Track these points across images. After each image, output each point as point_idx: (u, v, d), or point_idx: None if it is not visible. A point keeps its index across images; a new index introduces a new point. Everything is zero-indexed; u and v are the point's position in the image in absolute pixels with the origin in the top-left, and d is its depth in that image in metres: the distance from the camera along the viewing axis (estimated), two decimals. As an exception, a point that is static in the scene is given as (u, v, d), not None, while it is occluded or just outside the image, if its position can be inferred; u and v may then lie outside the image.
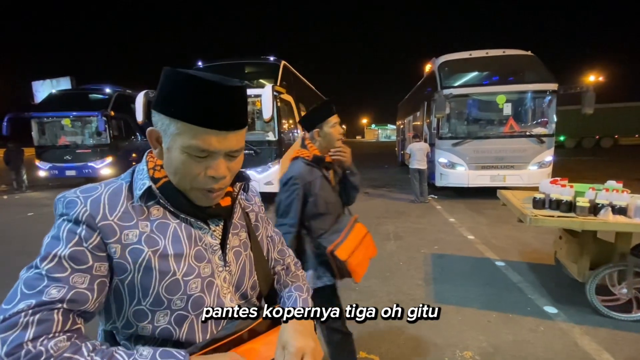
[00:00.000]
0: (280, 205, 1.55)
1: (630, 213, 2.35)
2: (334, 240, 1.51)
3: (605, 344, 2.23)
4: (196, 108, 0.57)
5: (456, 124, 7.10)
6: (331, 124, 1.59)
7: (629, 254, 2.53)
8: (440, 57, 7.67)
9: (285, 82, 7.54)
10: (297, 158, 1.60)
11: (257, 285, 0.77)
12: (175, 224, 0.64)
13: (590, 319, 2.52)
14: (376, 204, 7.00)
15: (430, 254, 4.00)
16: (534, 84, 6.61)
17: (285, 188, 1.54)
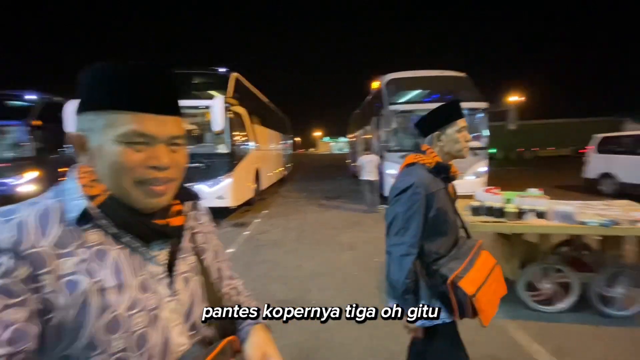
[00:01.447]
0: (396, 219, 1.27)
1: (549, 216, 2.70)
2: (455, 268, 1.21)
3: (535, 335, 2.49)
4: (125, 92, 0.54)
5: (402, 138, 7.57)
6: (458, 127, 1.36)
7: (550, 253, 2.89)
8: (386, 75, 8.19)
9: (237, 94, 7.41)
10: (414, 164, 1.35)
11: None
12: (116, 250, 0.57)
13: (523, 313, 2.80)
14: (331, 215, 7.11)
15: (383, 263, 4.13)
16: (469, 102, 7.34)
17: (403, 198, 1.27)
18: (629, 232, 2.56)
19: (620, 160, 8.12)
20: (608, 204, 3.30)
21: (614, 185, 8.29)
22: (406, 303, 1.24)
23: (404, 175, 1.34)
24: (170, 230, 0.63)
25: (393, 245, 1.28)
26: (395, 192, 1.32)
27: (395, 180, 1.39)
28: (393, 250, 1.27)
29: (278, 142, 13.23)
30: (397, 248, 1.26)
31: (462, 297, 1.17)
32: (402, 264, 1.24)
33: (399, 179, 1.36)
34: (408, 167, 1.37)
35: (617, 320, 2.66)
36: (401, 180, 1.33)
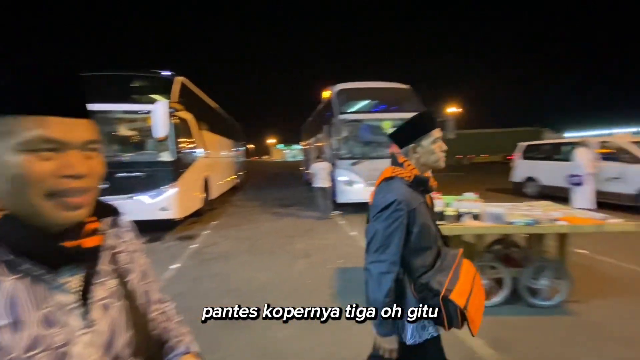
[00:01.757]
0: (376, 236, 1.26)
1: (483, 218, 2.94)
2: (443, 281, 1.21)
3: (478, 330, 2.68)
4: (26, 93, 0.47)
5: (353, 146, 7.80)
6: (433, 138, 1.34)
7: (485, 252, 3.14)
8: (337, 85, 8.41)
9: (183, 98, 7.04)
10: (393, 178, 1.32)
11: (133, 342, 0.62)
12: (12, 281, 0.48)
13: (463, 309, 3.00)
14: (285, 223, 7.02)
15: (336, 269, 4.17)
16: (411, 112, 7.83)
17: (385, 214, 1.25)
18: (548, 229, 2.88)
19: (541, 166, 9.23)
20: (531, 205, 3.70)
21: (536, 188, 9.38)
22: (384, 321, 1.24)
23: (384, 191, 1.31)
24: (82, 252, 0.54)
25: (372, 263, 1.26)
26: (376, 209, 1.29)
27: (375, 195, 1.36)
28: (372, 267, 1.25)
29: (229, 149, 12.80)
30: (376, 265, 1.24)
31: (452, 309, 1.18)
32: (382, 282, 1.22)
33: (379, 194, 1.34)
34: (387, 181, 1.34)
35: (545, 310, 2.96)
36: (382, 197, 1.29)
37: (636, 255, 4.26)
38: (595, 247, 4.57)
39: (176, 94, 6.62)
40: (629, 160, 7.03)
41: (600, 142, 7.81)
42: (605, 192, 7.30)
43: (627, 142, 7.28)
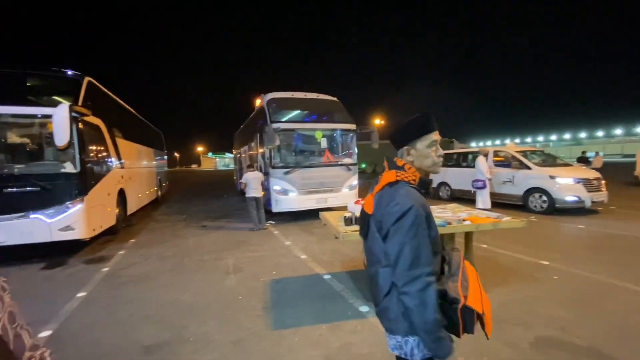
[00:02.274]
0: (404, 250, 1.10)
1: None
2: (456, 287, 1.14)
3: (399, 326, 2.87)
4: None
5: (286, 155, 7.82)
6: (429, 141, 1.26)
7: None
8: (268, 94, 8.38)
9: (91, 102, 6.21)
10: (398, 182, 1.20)
11: None
12: None
13: (390, 308, 3.20)
14: (215, 237, 6.64)
15: (270, 281, 4.08)
16: (341, 123, 8.21)
17: (407, 223, 1.11)
18: (457, 229, 3.27)
19: (451, 172, 10.48)
20: (443, 207, 4.17)
21: (448, 192, 10.61)
22: (442, 341, 1.09)
23: (392, 198, 1.17)
24: None
25: (408, 284, 1.09)
26: (391, 218, 1.14)
27: (381, 203, 1.21)
28: (410, 289, 1.09)
29: (150, 158, 11.68)
30: (413, 285, 1.09)
31: (470, 316, 1.13)
32: (426, 300, 1.08)
33: (387, 201, 1.18)
34: (391, 186, 1.22)
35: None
36: (395, 204, 1.14)
37: (524, 247, 5.10)
38: (493, 241, 5.34)
39: (83, 96, 5.81)
40: (517, 167, 8.43)
41: (494, 151, 9.21)
42: (499, 193, 8.62)
43: (515, 151, 8.73)
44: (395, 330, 1.19)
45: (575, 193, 7.40)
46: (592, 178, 7.64)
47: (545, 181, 7.71)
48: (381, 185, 1.26)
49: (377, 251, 1.23)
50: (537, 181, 7.88)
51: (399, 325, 1.17)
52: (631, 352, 2.40)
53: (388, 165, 1.32)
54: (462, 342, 1.41)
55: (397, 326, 1.17)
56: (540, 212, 7.76)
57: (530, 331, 2.72)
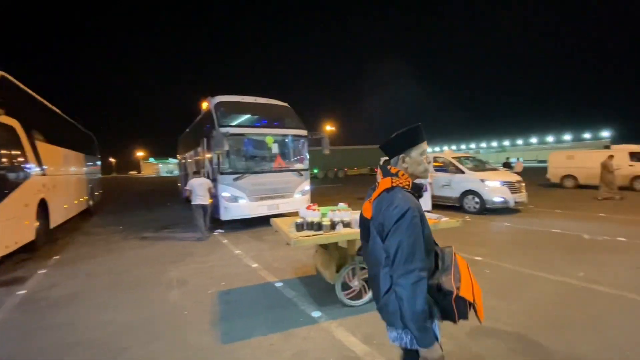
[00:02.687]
0: (401, 247, 1.22)
1: (353, 225, 3.29)
2: (449, 280, 1.29)
3: (351, 329, 2.92)
4: None
5: (235, 160, 7.58)
6: (422, 150, 1.42)
7: (356, 255, 3.51)
8: (216, 97, 8.07)
9: (5, 99, 5.42)
10: (394, 188, 1.34)
11: None
12: None
13: (342, 311, 3.24)
14: (158, 249, 6.15)
15: (218, 292, 3.89)
16: (292, 129, 8.22)
17: (404, 224, 1.23)
18: (401, 230, 3.45)
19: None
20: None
21: (394, 195, 11.19)
22: (427, 331, 1.22)
23: (390, 202, 1.30)
24: None
25: (402, 276, 1.22)
26: (393, 220, 1.26)
27: (379, 207, 1.33)
28: (403, 281, 1.22)
29: (79, 164, 10.49)
30: (407, 277, 1.21)
31: (463, 305, 1.28)
32: (417, 292, 1.20)
33: (386, 206, 1.30)
34: (389, 192, 1.34)
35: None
36: (394, 208, 1.27)
37: (461, 244, 5.56)
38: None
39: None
40: (454, 171, 9.21)
41: (434, 157, 9.97)
42: (439, 196, 9.34)
43: (452, 157, 9.54)
44: (395, 322, 1.30)
45: (501, 194, 8.32)
46: (514, 181, 8.65)
47: (477, 184, 8.55)
48: (379, 191, 1.38)
49: (378, 253, 1.34)
50: (470, 184, 8.70)
51: (398, 318, 1.27)
52: (552, 335, 2.74)
53: (382, 173, 1.44)
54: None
55: (397, 319, 1.28)
56: (474, 212, 8.57)
57: (465, 323, 2.96)
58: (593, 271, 4.13)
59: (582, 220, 7.40)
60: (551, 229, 6.63)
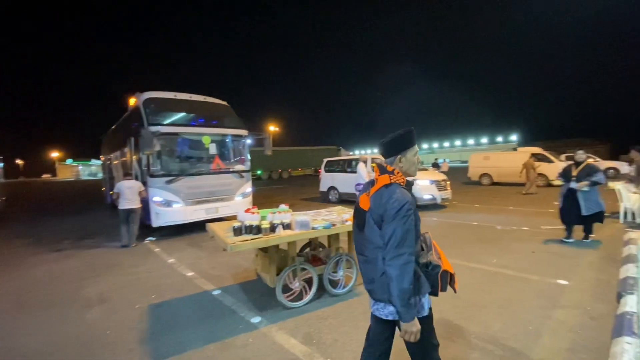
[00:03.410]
0: (395, 234, 1.45)
1: (293, 226, 3.29)
2: (434, 257, 1.61)
3: (292, 331, 2.91)
4: None
5: (168, 162, 7.03)
6: (415, 151, 1.65)
7: (296, 256, 3.51)
8: (144, 93, 7.41)
9: None
10: (392, 184, 1.56)
11: None
12: None
13: (282, 314, 3.22)
14: (76, 263, 5.41)
15: (148, 306, 3.57)
16: (232, 129, 7.91)
17: (400, 215, 1.46)
18: (341, 229, 3.54)
19: (338, 177, 11.41)
20: (330, 210, 4.46)
21: (337, 195, 11.50)
22: (410, 307, 1.45)
23: (389, 196, 1.51)
24: None
25: (393, 258, 1.44)
26: (393, 211, 1.47)
27: (379, 200, 1.54)
28: (393, 262, 1.44)
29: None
30: (397, 259, 1.44)
31: (445, 277, 1.60)
32: (404, 272, 1.43)
33: (385, 199, 1.51)
34: (387, 187, 1.55)
35: (344, 296, 3.59)
36: (394, 201, 1.48)
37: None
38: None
39: None
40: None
41: (372, 158, 10.48)
42: (378, 195, 9.85)
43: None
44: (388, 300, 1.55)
45: (430, 192, 9.09)
46: (441, 180, 9.53)
47: (410, 183, 9.22)
48: (378, 187, 1.59)
49: (374, 239, 1.57)
50: (404, 183, 9.33)
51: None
52: (470, 317, 3.06)
53: (380, 170, 1.65)
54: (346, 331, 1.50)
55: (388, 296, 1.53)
56: (408, 209, 9.21)
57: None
58: (504, 257, 4.74)
59: (496, 213, 8.45)
60: (471, 221, 7.45)
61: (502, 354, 2.46)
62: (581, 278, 3.89)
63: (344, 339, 2.74)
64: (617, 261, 4.24)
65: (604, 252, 4.82)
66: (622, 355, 2.21)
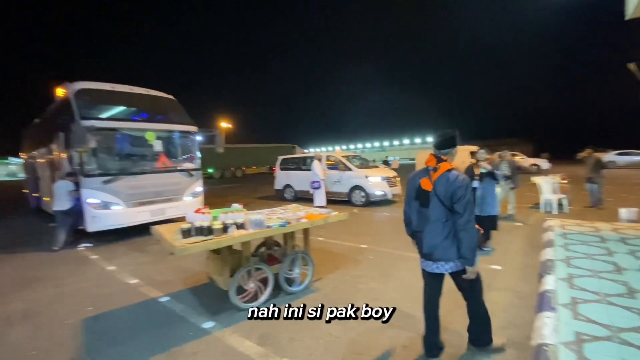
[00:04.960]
0: (469, 204, 2.06)
1: (247, 226, 3.20)
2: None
3: (246, 333, 2.84)
4: None
5: (105, 160, 6.40)
6: (458, 147, 2.24)
7: (251, 256, 3.43)
8: (76, 83, 6.65)
9: None
10: (452, 169, 2.15)
11: None
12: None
13: (237, 317, 3.12)
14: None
15: (83, 320, 3.22)
16: (179, 125, 7.45)
17: (468, 190, 2.07)
18: (296, 227, 3.53)
19: (293, 175, 11.38)
20: (285, 208, 4.43)
21: (292, 193, 11.47)
22: (476, 255, 2.11)
23: (455, 177, 2.11)
24: None
25: (468, 222, 2.05)
26: (463, 188, 2.06)
27: (449, 181, 2.10)
28: (469, 225, 2.06)
29: None
30: (470, 224, 2.05)
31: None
32: (474, 232, 2.08)
33: (452, 180, 2.10)
34: (450, 171, 2.14)
35: (299, 293, 3.58)
36: (461, 180, 2.09)
37: (350, 235, 6.10)
38: (328, 233, 6.14)
39: None
40: (343, 169, 10.01)
41: (327, 156, 10.63)
42: (332, 192, 10.03)
43: (342, 156, 10.34)
44: (452, 257, 2.14)
45: (382, 188, 9.49)
46: (391, 176, 9.99)
47: (363, 180, 9.53)
48: (441, 171, 2.14)
49: (440, 213, 2.13)
50: (357, 180, 9.63)
51: (454, 254, 2.14)
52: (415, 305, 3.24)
53: (436, 160, 2.20)
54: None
55: (453, 254, 2.14)
56: (361, 205, 9.52)
57: (353, 304, 3.25)
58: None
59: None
60: (419, 215, 7.93)
61: (444, 336, 2.66)
62: (511, 263, 4.36)
63: (300, 337, 2.74)
64: (539, 246, 4.83)
65: (530, 239, 5.45)
66: (543, 329, 2.53)
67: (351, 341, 2.67)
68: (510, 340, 2.54)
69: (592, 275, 3.58)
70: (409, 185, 2.36)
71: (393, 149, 71.75)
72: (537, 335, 2.46)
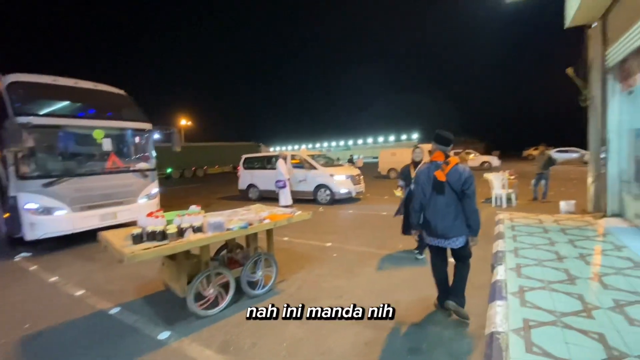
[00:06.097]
0: (475, 191, 2.66)
1: (205, 229, 3.05)
2: None
3: (206, 341, 2.70)
4: None
5: (46, 160, 5.79)
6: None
7: (210, 260, 3.28)
8: (9, 75, 5.94)
9: None
10: (459, 163, 2.71)
11: None
12: None
13: (195, 325, 2.96)
14: None
15: (18, 340, 2.87)
16: (132, 122, 6.94)
17: (473, 180, 2.66)
18: (258, 228, 3.43)
19: (257, 174, 11.14)
20: (247, 209, 4.29)
21: (257, 193, 11.22)
22: (479, 229, 2.70)
23: (463, 169, 2.67)
24: None
25: (475, 205, 2.67)
26: (471, 178, 2.64)
27: (459, 173, 2.66)
28: (476, 207, 2.66)
29: None
30: (475, 206, 2.65)
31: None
32: (477, 212, 2.67)
33: (460, 172, 2.66)
34: (458, 165, 2.69)
35: (263, 296, 3.49)
36: (468, 171, 2.66)
37: (315, 234, 6.08)
38: (292, 233, 6.08)
39: None
40: (308, 168, 9.98)
41: (291, 155, 10.54)
42: (297, 190, 9.96)
43: (307, 155, 10.30)
44: (463, 232, 2.70)
45: (346, 186, 9.60)
46: (355, 174, 10.14)
47: (327, 178, 9.58)
48: (452, 165, 2.68)
49: (449, 200, 2.68)
50: (322, 179, 9.65)
51: (464, 230, 2.70)
52: (379, 300, 3.30)
53: (444, 155, 2.76)
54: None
55: (463, 230, 2.70)
56: (326, 203, 9.57)
57: (317, 303, 3.22)
58: (408, 243, 5.28)
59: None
60: (381, 212, 8.14)
61: (404, 330, 2.72)
62: (467, 255, 4.60)
63: (263, 341, 2.66)
64: (492, 238, 5.15)
65: (483, 232, 5.79)
66: (495, 317, 2.68)
67: (315, 341, 2.64)
68: (469, 330, 2.67)
69: (537, 264, 3.88)
70: (421, 178, 2.83)
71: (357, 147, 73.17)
72: (490, 323, 2.60)
